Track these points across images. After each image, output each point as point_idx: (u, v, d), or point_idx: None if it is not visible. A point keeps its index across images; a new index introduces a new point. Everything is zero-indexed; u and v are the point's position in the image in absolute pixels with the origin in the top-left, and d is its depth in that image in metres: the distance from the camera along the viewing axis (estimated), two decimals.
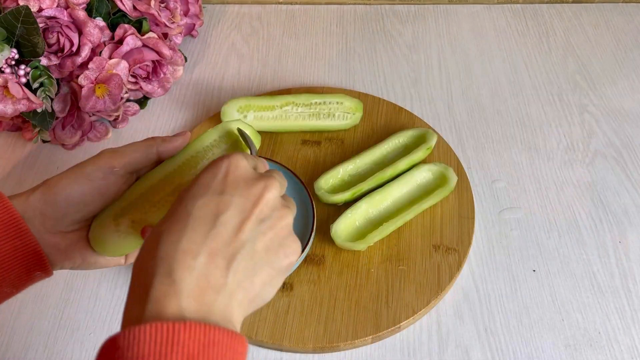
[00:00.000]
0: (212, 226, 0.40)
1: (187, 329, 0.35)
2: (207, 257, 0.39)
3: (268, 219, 0.43)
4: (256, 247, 0.41)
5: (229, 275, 0.39)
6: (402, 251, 0.67)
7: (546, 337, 0.62)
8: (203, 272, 0.39)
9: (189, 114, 0.85)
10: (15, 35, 0.69)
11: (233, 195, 0.42)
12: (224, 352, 0.36)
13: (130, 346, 0.35)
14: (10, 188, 0.75)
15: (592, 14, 1.02)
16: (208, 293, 0.38)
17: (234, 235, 0.41)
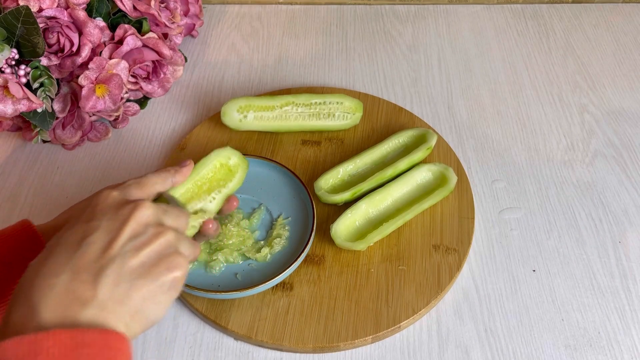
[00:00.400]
0: (77, 248, 0.39)
1: (50, 336, 0.34)
2: (70, 274, 0.38)
3: (141, 235, 0.42)
4: (129, 261, 0.40)
5: (97, 289, 0.38)
6: (402, 251, 0.67)
7: (546, 337, 0.62)
8: (66, 288, 0.37)
9: (189, 114, 0.85)
10: (16, 35, 0.69)
11: (101, 220, 0.41)
12: (97, 351, 0.35)
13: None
14: (10, 188, 0.75)
15: (592, 14, 1.02)
16: (72, 306, 0.36)
17: (102, 252, 0.39)
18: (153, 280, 0.41)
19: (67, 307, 0.36)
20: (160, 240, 0.42)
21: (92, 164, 0.78)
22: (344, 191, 0.70)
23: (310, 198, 0.68)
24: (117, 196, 0.44)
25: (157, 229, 0.43)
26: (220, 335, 0.62)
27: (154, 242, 0.42)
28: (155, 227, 0.43)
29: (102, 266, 0.39)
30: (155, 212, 0.44)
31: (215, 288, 0.62)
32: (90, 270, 0.38)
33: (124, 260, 0.40)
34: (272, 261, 0.64)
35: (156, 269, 0.41)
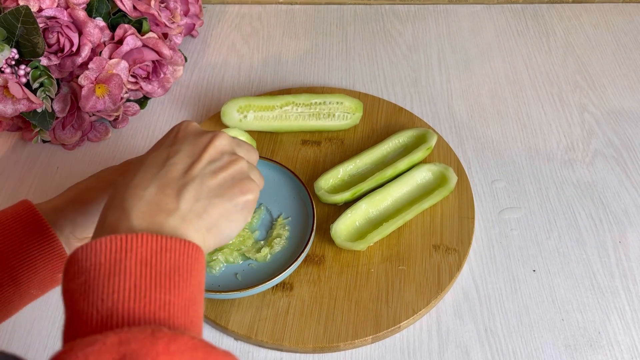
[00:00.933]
0: (162, 167, 0.44)
1: (139, 238, 0.38)
2: (156, 188, 0.42)
3: (218, 160, 0.46)
4: (207, 181, 0.44)
5: (179, 202, 0.42)
6: (402, 251, 0.67)
7: (546, 337, 0.62)
8: (153, 200, 0.41)
9: (189, 114, 0.85)
10: (15, 35, 0.69)
11: (182, 144, 0.46)
12: (177, 257, 0.38)
13: (87, 257, 0.37)
14: (10, 188, 0.75)
15: (592, 14, 1.02)
16: (159, 215, 0.41)
17: (184, 172, 0.44)
18: (228, 200, 0.45)
19: (154, 215, 0.40)
20: (234, 167, 0.46)
21: (92, 164, 0.78)
22: (344, 191, 0.70)
23: (310, 198, 0.68)
24: (196, 126, 0.49)
25: (232, 157, 0.47)
26: (220, 335, 0.62)
27: (230, 168, 0.46)
28: (230, 155, 0.47)
29: (184, 183, 0.43)
30: (231, 142, 0.48)
31: (215, 288, 0.62)
32: (174, 185, 0.43)
33: (203, 180, 0.44)
34: (272, 261, 0.64)
35: (231, 191, 0.45)
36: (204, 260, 0.41)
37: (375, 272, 0.65)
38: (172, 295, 0.37)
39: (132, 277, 0.37)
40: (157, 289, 0.37)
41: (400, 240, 0.68)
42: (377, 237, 0.66)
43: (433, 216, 0.70)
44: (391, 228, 0.67)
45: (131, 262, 0.37)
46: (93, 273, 0.37)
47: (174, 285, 0.38)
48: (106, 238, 0.37)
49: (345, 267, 0.66)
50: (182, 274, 0.38)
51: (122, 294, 0.36)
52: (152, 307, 0.36)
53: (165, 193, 0.42)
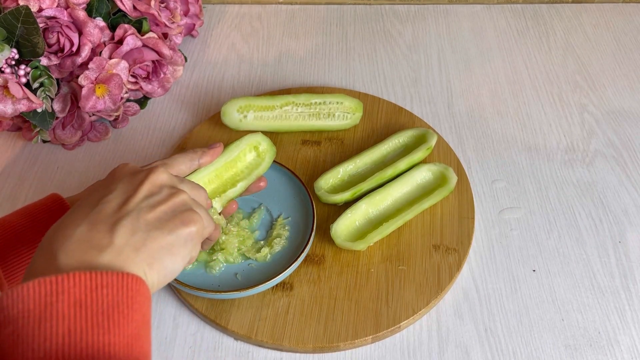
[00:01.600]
0: (95, 206, 0.42)
1: (70, 278, 0.35)
2: (88, 225, 0.40)
3: (156, 194, 0.44)
4: (144, 215, 0.42)
5: (113, 237, 0.40)
6: (402, 251, 0.67)
7: (546, 337, 0.62)
8: (84, 238, 0.39)
9: (189, 114, 0.85)
10: (15, 35, 0.69)
11: (118, 183, 0.44)
12: (115, 292, 0.36)
13: (14, 305, 0.35)
14: (10, 188, 0.75)
15: (592, 14, 1.02)
16: (89, 252, 0.38)
17: (118, 208, 0.42)
18: (169, 233, 0.42)
19: (85, 253, 0.38)
20: (175, 199, 0.44)
21: (92, 164, 0.78)
22: (344, 191, 0.70)
23: (310, 198, 0.68)
24: (134, 166, 0.47)
25: (172, 190, 0.45)
26: (220, 335, 0.62)
27: (169, 201, 0.44)
28: (170, 189, 0.45)
29: (118, 218, 0.41)
30: (170, 177, 0.46)
31: (215, 288, 0.62)
32: (108, 221, 0.41)
33: (140, 214, 0.42)
34: (272, 261, 0.64)
35: (171, 223, 0.43)
36: (148, 292, 0.39)
37: (375, 272, 0.65)
38: (112, 335, 0.35)
39: (66, 321, 0.34)
40: (94, 330, 0.35)
41: (400, 240, 0.68)
42: (377, 237, 0.66)
43: (433, 216, 0.70)
44: (391, 228, 0.67)
45: (63, 305, 0.34)
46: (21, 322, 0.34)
47: (114, 324, 0.35)
48: (33, 282, 0.35)
49: (345, 267, 0.66)
50: (122, 310, 0.36)
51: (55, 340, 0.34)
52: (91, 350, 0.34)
53: (97, 229, 0.39)
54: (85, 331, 0.34)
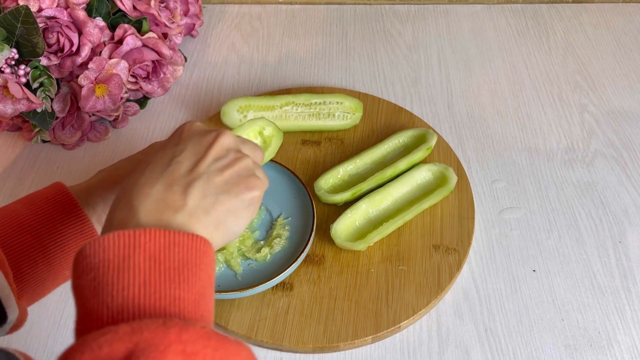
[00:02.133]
0: (168, 165, 0.44)
1: (147, 233, 0.38)
2: (163, 186, 0.42)
3: (224, 158, 0.46)
4: (214, 179, 0.44)
5: (187, 199, 0.42)
6: (402, 251, 0.67)
7: (546, 337, 0.62)
8: (160, 197, 0.41)
9: (189, 113, 0.85)
10: (15, 35, 0.69)
11: (187, 143, 0.46)
12: (185, 251, 0.39)
13: (95, 253, 0.37)
14: (10, 188, 0.75)
15: (592, 14, 1.02)
16: (166, 212, 0.41)
17: (190, 170, 0.44)
18: (235, 197, 0.45)
19: (162, 212, 0.41)
20: (240, 164, 0.46)
21: (92, 164, 0.78)
22: (344, 191, 0.70)
23: (310, 198, 0.68)
24: (201, 125, 0.49)
25: (237, 154, 0.47)
26: None
27: (235, 165, 0.46)
28: (236, 153, 0.47)
29: (190, 180, 0.43)
30: (235, 140, 0.48)
31: (215, 288, 0.62)
32: (181, 183, 0.43)
33: (210, 177, 0.44)
34: (272, 261, 0.64)
35: (237, 187, 0.45)
36: (213, 254, 0.41)
37: (375, 272, 0.65)
38: (182, 290, 0.37)
39: (142, 273, 0.37)
40: (167, 284, 0.37)
41: (400, 240, 0.68)
42: (377, 237, 0.66)
43: (433, 216, 0.70)
44: (391, 228, 0.67)
45: (140, 258, 0.37)
46: (102, 270, 0.37)
47: (184, 280, 0.38)
48: (114, 234, 0.38)
49: (345, 267, 0.66)
50: (191, 268, 0.38)
51: (132, 290, 0.36)
52: (163, 302, 0.36)
53: (172, 190, 0.42)
54: (158, 284, 0.37)
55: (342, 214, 0.68)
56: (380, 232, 0.66)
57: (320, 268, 0.66)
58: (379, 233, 0.66)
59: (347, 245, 0.65)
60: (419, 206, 0.69)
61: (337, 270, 0.65)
